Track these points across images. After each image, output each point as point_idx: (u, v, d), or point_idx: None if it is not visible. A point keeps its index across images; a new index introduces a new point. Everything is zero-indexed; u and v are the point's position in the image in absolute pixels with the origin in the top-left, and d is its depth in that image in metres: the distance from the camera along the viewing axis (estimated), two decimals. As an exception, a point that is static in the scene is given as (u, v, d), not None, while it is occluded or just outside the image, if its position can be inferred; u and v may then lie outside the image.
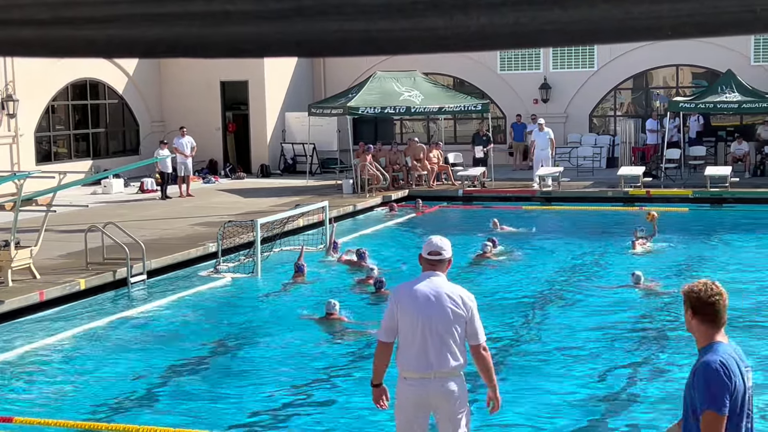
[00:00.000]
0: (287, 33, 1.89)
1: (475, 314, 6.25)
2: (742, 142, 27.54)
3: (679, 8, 1.71)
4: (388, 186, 25.71)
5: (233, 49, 1.93)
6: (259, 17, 1.84)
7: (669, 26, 1.74)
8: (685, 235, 19.66)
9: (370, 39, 1.89)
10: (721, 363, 4.54)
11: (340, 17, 1.85)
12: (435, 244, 6.35)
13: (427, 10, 1.79)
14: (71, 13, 1.82)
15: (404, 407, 6.33)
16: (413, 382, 6.24)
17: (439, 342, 6.16)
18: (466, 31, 1.83)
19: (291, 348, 11.76)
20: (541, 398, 9.61)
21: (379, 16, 1.83)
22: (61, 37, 1.89)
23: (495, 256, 16.85)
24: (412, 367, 6.21)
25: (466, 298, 6.25)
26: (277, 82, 31.15)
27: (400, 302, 6.27)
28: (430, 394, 6.23)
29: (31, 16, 1.81)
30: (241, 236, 17.18)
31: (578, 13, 1.76)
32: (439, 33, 1.85)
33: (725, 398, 4.49)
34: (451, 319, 6.17)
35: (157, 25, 1.92)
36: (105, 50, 1.99)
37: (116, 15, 1.89)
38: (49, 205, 15.49)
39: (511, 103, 31.54)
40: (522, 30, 1.80)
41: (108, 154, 30.03)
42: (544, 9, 1.77)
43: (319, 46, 1.89)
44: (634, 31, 1.76)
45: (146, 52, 2.00)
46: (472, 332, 6.23)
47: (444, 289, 6.24)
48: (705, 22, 1.72)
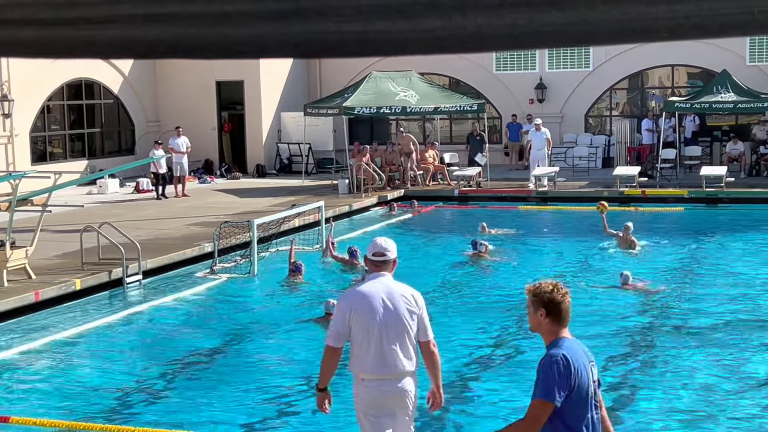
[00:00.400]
0: (285, 34, 1.89)
1: (425, 311, 6.39)
2: (737, 142, 27.57)
3: (676, 10, 1.71)
4: (384, 186, 25.71)
5: (232, 50, 1.94)
6: (258, 18, 1.85)
7: (665, 28, 1.75)
8: (680, 235, 19.69)
9: (367, 40, 1.89)
10: (562, 356, 4.76)
11: (338, 18, 1.86)
12: (380, 246, 6.44)
13: (425, 11, 1.79)
14: (72, 14, 1.83)
15: (365, 411, 6.37)
16: (372, 383, 6.29)
17: (397, 342, 6.24)
18: (464, 32, 1.83)
19: (288, 348, 11.75)
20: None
21: (377, 17, 1.83)
22: (61, 38, 1.90)
23: (481, 259, 16.74)
24: (371, 368, 6.26)
25: (417, 297, 6.37)
26: (272, 82, 31.13)
27: (353, 307, 6.28)
28: (389, 394, 6.29)
29: (31, 16, 1.81)
30: (237, 236, 17.17)
31: (575, 15, 1.77)
32: (436, 34, 1.85)
33: (558, 390, 4.71)
34: (407, 319, 6.26)
35: (156, 26, 1.92)
36: (105, 51, 1.99)
37: (116, 15, 1.89)
38: (44, 206, 15.48)
39: (506, 103, 31.55)
40: (519, 31, 1.81)
41: (103, 154, 29.99)
42: (541, 11, 1.77)
43: (317, 47, 1.90)
44: (630, 32, 1.77)
45: (146, 52, 2.00)
46: (422, 329, 6.33)
47: (395, 289, 6.33)
48: (702, 23, 1.72)
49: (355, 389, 6.41)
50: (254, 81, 30.50)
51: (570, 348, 4.84)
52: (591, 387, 4.84)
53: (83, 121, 29.38)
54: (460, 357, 11.07)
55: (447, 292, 14.76)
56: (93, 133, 29.78)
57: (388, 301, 6.26)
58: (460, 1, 1.77)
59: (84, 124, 29.38)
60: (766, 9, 1.69)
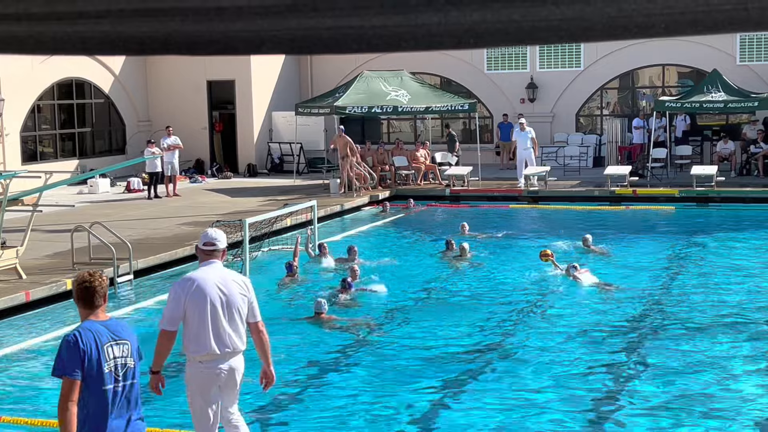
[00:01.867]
0: (280, 30, 1.89)
1: (254, 295, 6.91)
2: (728, 142, 27.65)
3: (672, 6, 1.72)
4: (376, 185, 25.71)
5: (226, 47, 1.93)
6: (253, 14, 1.84)
7: (661, 24, 1.75)
8: (670, 234, 19.74)
9: (363, 36, 1.89)
10: (72, 335, 5.40)
11: (333, 14, 1.86)
12: (210, 236, 6.96)
13: (420, 6, 1.79)
14: (65, 8, 1.82)
15: (201, 391, 6.80)
16: (209, 364, 6.73)
17: (231, 324, 6.71)
18: (460, 28, 1.83)
19: (280, 347, 11.75)
20: (515, 398, 9.63)
21: (373, 12, 1.83)
22: (55, 34, 1.89)
23: (457, 259, 16.67)
24: (208, 350, 6.68)
25: (247, 282, 6.95)
26: (263, 81, 31.11)
27: (188, 292, 6.70)
28: (222, 372, 6.77)
29: (24, 11, 1.80)
30: (229, 236, 17.11)
31: (571, 11, 1.77)
32: (432, 30, 1.85)
33: (69, 365, 5.33)
34: (239, 302, 6.76)
35: (150, 22, 1.91)
36: (98, 47, 1.99)
37: (109, 11, 1.88)
38: (35, 205, 15.44)
39: (497, 102, 31.58)
40: (515, 27, 1.81)
41: (94, 153, 29.93)
42: (536, 6, 1.77)
43: (312, 43, 1.90)
44: (626, 28, 1.77)
45: (139, 49, 2.00)
46: (251, 311, 6.85)
47: (227, 275, 6.88)
48: (697, 19, 1.73)
49: (190, 370, 6.83)
50: (245, 80, 30.47)
51: (87, 328, 5.44)
52: (110, 362, 5.43)
53: (74, 121, 29.31)
54: (445, 354, 11.09)
55: (433, 291, 14.78)
56: (84, 133, 29.71)
57: (222, 286, 6.73)
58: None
59: (75, 123, 29.32)
60: (761, 5, 1.69)
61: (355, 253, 16.42)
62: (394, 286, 14.67)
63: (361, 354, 11.44)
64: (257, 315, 6.87)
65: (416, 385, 9.99)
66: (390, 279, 15.09)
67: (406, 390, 9.80)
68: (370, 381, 10.22)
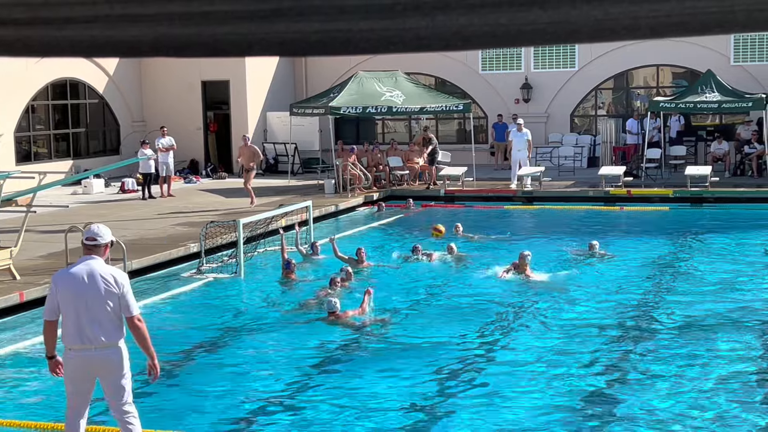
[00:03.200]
0: (269, 33, 1.90)
1: (126, 291, 7.09)
2: (722, 142, 27.71)
3: (658, 9, 1.72)
4: (370, 186, 25.72)
5: (216, 49, 1.93)
6: (240, 17, 1.85)
7: (647, 26, 1.76)
8: (665, 234, 19.77)
9: (351, 39, 1.89)
10: None
11: (321, 18, 1.86)
12: (92, 231, 7.29)
13: (407, 11, 1.80)
14: (52, 14, 1.82)
15: (71, 376, 7.14)
16: (76, 353, 7.06)
17: (95, 317, 6.99)
18: (447, 32, 1.84)
19: (274, 348, 11.75)
20: (513, 402, 9.65)
21: (360, 16, 1.83)
22: (43, 37, 1.89)
23: (451, 260, 16.62)
24: (73, 340, 7.03)
25: (118, 277, 7.11)
26: (258, 81, 31.10)
27: (58, 284, 7.11)
28: (92, 363, 7.07)
29: (10, 16, 1.80)
30: (223, 236, 17.13)
31: (557, 14, 1.77)
32: (419, 33, 1.86)
33: None
34: (104, 296, 7.00)
35: (138, 26, 1.92)
36: (88, 50, 1.99)
37: (97, 15, 1.89)
38: (29, 206, 15.41)
39: (492, 103, 31.61)
40: (501, 30, 1.82)
41: (88, 154, 29.90)
42: (523, 9, 1.78)
43: (301, 46, 1.90)
44: (612, 31, 1.78)
45: (130, 51, 2.00)
46: (125, 306, 7.07)
47: (98, 270, 7.08)
48: (683, 21, 1.74)
49: (64, 357, 7.16)
50: (240, 81, 30.46)
51: None
52: None
53: (68, 121, 29.28)
54: (442, 355, 11.10)
55: (423, 292, 14.79)
56: (78, 133, 29.68)
57: (89, 281, 7.01)
58: (443, 1, 1.78)
59: (69, 124, 29.29)
60: (746, 7, 1.70)
61: (363, 255, 16.19)
62: (389, 287, 14.67)
63: (373, 350, 11.43)
64: (131, 310, 7.08)
65: (422, 386, 10.00)
66: (388, 280, 15.09)
67: (419, 390, 9.82)
68: (371, 378, 10.22)
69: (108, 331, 7.02)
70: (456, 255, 16.79)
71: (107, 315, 7.02)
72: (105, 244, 7.27)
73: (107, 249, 7.31)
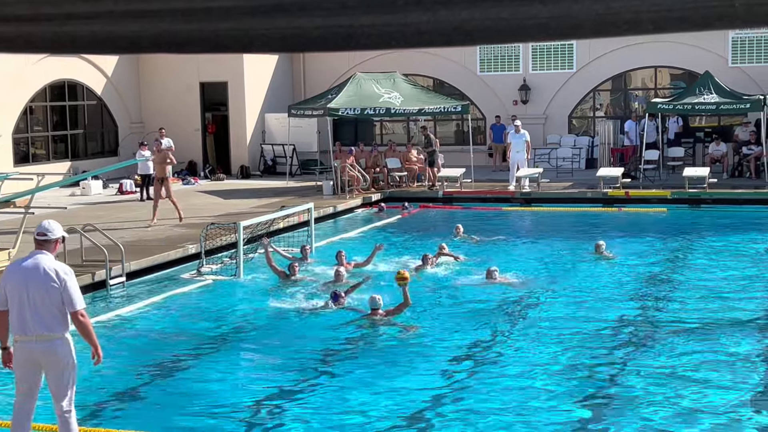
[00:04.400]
0: (270, 29, 1.89)
1: (69, 285, 7.26)
2: (720, 143, 27.72)
3: (660, 3, 1.72)
4: (369, 187, 25.72)
5: (217, 45, 1.93)
6: (241, 13, 1.84)
7: (649, 20, 1.76)
8: (663, 236, 19.77)
9: (352, 35, 1.89)
10: None
11: (321, 13, 1.86)
12: (43, 227, 7.46)
13: (408, 5, 1.80)
14: (54, 10, 1.82)
15: (18, 364, 7.37)
16: (20, 344, 7.27)
17: (35, 309, 7.18)
18: (448, 26, 1.84)
19: (273, 348, 11.74)
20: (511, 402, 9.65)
21: (361, 11, 1.83)
22: (45, 34, 1.89)
23: (443, 263, 16.51)
24: (15, 330, 7.25)
25: (60, 272, 7.26)
26: (256, 83, 31.10)
27: (6, 276, 7.41)
28: (32, 354, 7.26)
29: (13, 13, 1.80)
30: (222, 238, 17.11)
31: (559, 9, 1.77)
32: (421, 28, 1.86)
33: None
34: (45, 290, 7.18)
35: (139, 22, 1.91)
36: (88, 46, 1.99)
37: (99, 12, 1.88)
38: (27, 207, 15.39)
39: (490, 104, 31.62)
40: (503, 25, 1.82)
41: (86, 155, 29.88)
42: (524, 4, 1.78)
43: (302, 41, 1.90)
44: (614, 25, 1.78)
45: (129, 47, 2.00)
46: (68, 300, 7.25)
47: (44, 264, 7.27)
48: (685, 16, 1.74)
49: (13, 347, 7.37)
50: (238, 82, 30.46)
51: None
52: None
53: (66, 123, 29.26)
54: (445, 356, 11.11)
55: (427, 294, 14.79)
56: (76, 135, 29.66)
57: (33, 274, 7.22)
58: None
59: (67, 125, 29.26)
60: (748, 1, 1.70)
61: (342, 257, 16.11)
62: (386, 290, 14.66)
63: (377, 352, 11.43)
64: (75, 304, 7.23)
65: (431, 387, 10.00)
66: (385, 282, 15.09)
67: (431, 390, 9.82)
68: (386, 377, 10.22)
69: (48, 323, 7.18)
70: (442, 261, 16.50)
71: (48, 308, 7.19)
72: (55, 240, 7.46)
73: (57, 244, 7.50)
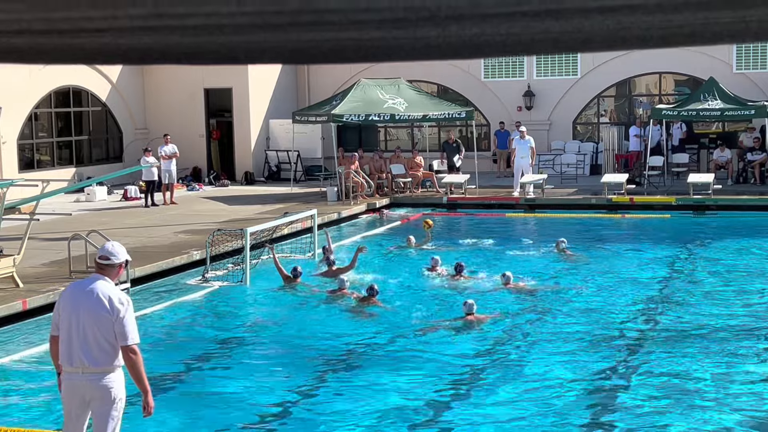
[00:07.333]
0: (281, 42, 1.90)
1: (123, 316, 6.55)
2: (724, 150, 27.69)
3: (671, 19, 1.72)
4: (373, 193, 25.71)
5: (228, 57, 1.94)
6: (255, 27, 1.85)
7: (659, 36, 1.76)
8: (667, 242, 19.74)
9: (362, 47, 1.90)
10: None
11: (333, 28, 1.86)
12: (106, 250, 6.75)
13: (420, 21, 1.80)
14: (68, 26, 1.82)
15: (63, 397, 6.76)
16: (69, 375, 6.64)
17: (84, 339, 6.55)
18: (458, 41, 1.84)
19: (279, 354, 11.73)
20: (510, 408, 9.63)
21: (372, 26, 1.83)
22: (57, 46, 1.90)
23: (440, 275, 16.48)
24: (64, 360, 6.64)
25: (116, 301, 6.56)
26: (261, 89, 31.12)
27: (60, 300, 6.77)
28: (77, 388, 6.61)
29: (29, 27, 1.81)
30: (226, 244, 17.10)
31: (570, 24, 1.77)
32: (431, 42, 1.86)
33: None
34: (95, 319, 6.54)
35: (151, 35, 1.92)
36: (99, 57, 2.00)
37: (111, 27, 1.89)
38: (32, 214, 15.41)
39: (495, 110, 31.61)
40: (514, 40, 1.82)
41: (91, 161, 29.91)
42: (536, 20, 1.78)
43: (313, 53, 1.90)
44: (624, 40, 1.78)
45: (139, 59, 2.00)
46: (120, 333, 6.56)
47: (100, 291, 6.59)
48: (695, 32, 1.73)
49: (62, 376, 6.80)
50: (243, 88, 30.48)
51: None
52: None
53: (71, 129, 29.29)
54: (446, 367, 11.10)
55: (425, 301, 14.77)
56: (81, 141, 29.69)
57: (87, 302, 6.56)
58: (457, 12, 1.78)
59: (72, 131, 29.29)
60: (759, 18, 1.70)
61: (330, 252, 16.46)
62: (389, 295, 14.65)
63: (383, 355, 11.42)
64: (127, 339, 6.53)
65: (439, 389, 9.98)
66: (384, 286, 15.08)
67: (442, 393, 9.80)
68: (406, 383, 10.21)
69: (96, 356, 6.54)
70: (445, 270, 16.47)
71: (97, 339, 6.53)
72: (119, 264, 6.72)
73: (121, 269, 6.79)
